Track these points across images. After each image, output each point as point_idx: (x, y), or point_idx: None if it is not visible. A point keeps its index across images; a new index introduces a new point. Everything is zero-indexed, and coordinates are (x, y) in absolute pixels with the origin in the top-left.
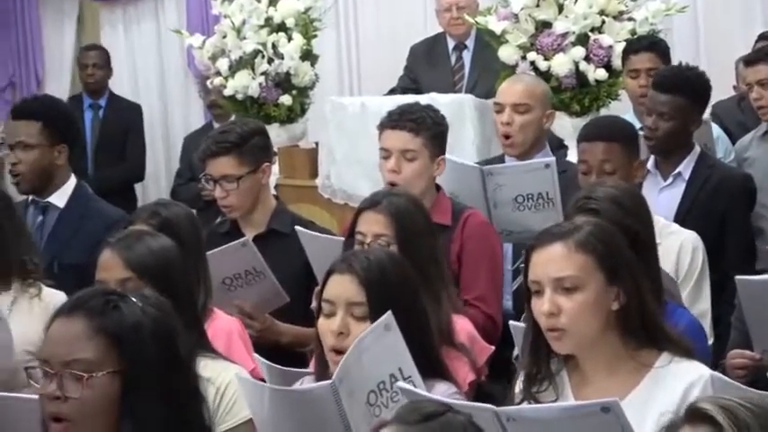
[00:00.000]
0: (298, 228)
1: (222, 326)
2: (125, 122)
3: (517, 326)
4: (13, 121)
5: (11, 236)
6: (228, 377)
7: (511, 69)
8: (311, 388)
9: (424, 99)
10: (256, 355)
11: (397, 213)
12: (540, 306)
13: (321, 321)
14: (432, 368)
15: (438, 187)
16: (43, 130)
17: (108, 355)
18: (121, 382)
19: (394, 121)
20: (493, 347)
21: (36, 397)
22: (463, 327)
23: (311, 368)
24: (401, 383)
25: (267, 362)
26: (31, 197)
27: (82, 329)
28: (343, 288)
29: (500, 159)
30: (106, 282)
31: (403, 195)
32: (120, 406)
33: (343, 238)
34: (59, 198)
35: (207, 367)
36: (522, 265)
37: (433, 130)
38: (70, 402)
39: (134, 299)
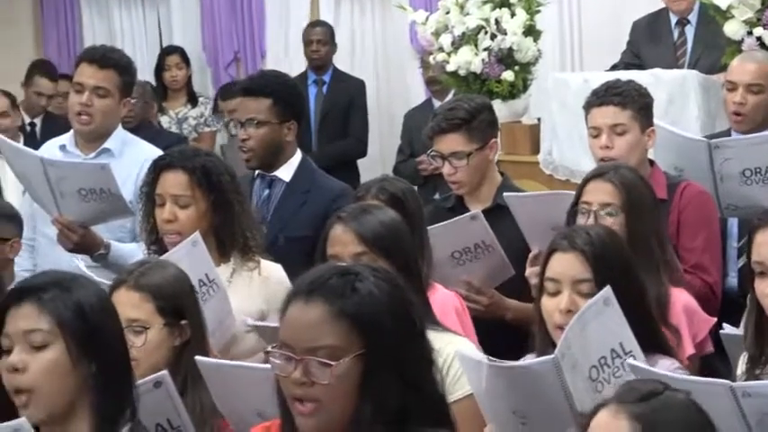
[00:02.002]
0: (506, 194)
1: (439, 299)
2: (348, 98)
3: (729, 334)
4: (243, 97)
5: (237, 211)
6: (454, 349)
7: (736, 45)
8: (533, 363)
9: (646, 75)
10: None
11: (624, 182)
12: (765, 288)
13: (545, 300)
14: (653, 343)
15: (651, 162)
16: (273, 106)
17: (350, 338)
18: (363, 364)
19: (600, 97)
20: (714, 319)
21: (265, 367)
22: (681, 299)
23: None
24: (630, 360)
25: None
26: (257, 171)
27: (323, 314)
28: (567, 266)
29: (726, 135)
30: (339, 256)
31: (628, 167)
32: (360, 386)
33: (550, 192)
34: (285, 172)
35: (434, 339)
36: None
37: (639, 102)
38: (317, 387)
39: (368, 275)
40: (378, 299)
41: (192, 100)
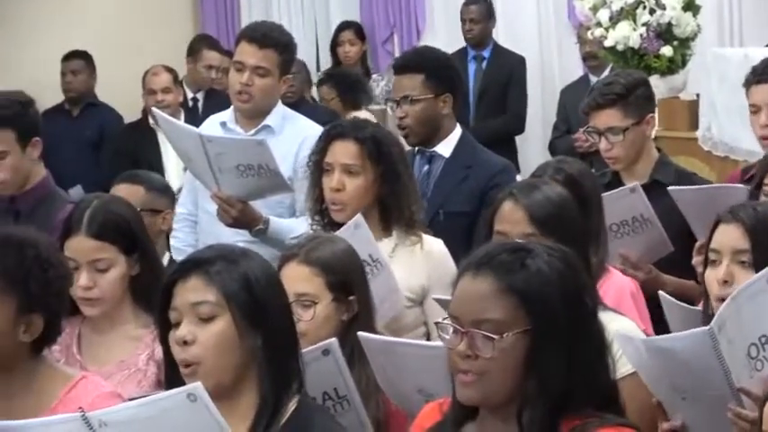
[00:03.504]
0: (670, 188)
1: (615, 283)
2: (507, 74)
3: None
4: (397, 75)
5: (404, 183)
6: (616, 327)
7: None
8: (688, 333)
9: None
10: None
11: None
12: None
13: (708, 271)
14: None
15: None
16: (426, 81)
17: (517, 314)
18: (529, 341)
19: (758, 75)
20: None
21: (428, 343)
22: None
23: None
24: None
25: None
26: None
27: (490, 288)
28: (728, 236)
29: None
30: (507, 234)
31: None
32: (525, 363)
33: (717, 185)
34: (445, 147)
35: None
36: None
37: None
38: (481, 360)
39: (541, 252)
40: (547, 277)
41: (367, 75)
